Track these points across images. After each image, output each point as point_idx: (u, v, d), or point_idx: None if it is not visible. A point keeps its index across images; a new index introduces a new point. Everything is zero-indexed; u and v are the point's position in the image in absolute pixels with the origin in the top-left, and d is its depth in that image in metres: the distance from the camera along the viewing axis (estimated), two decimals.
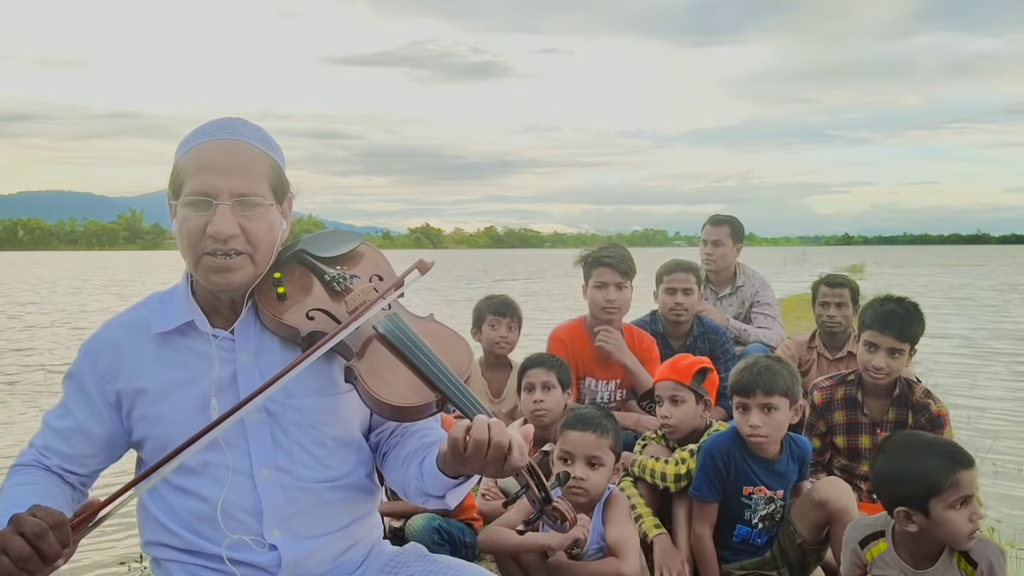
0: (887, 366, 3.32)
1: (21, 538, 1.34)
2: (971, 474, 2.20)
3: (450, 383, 1.64)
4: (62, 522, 1.37)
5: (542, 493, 1.68)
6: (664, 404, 3.14)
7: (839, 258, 53.26)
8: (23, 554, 1.33)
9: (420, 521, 2.99)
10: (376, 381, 1.63)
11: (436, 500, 1.67)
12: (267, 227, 1.68)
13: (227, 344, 1.72)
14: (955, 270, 42.17)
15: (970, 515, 2.19)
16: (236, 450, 1.67)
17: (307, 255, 1.81)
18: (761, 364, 2.89)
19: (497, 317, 4.04)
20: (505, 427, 1.54)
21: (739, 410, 2.87)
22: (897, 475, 2.27)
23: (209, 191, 1.62)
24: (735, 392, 2.88)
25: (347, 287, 1.77)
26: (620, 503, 2.78)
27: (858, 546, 2.42)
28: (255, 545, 1.66)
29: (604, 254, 3.88)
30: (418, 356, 1.66)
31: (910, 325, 3.33)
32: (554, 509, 1.70)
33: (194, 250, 1.64)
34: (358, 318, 1.66)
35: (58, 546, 1.36)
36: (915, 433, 2.74)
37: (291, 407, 1.70)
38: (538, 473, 1.67)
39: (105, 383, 1.72)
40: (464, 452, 1.52)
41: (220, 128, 1.69)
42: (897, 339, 3.30)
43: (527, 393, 3.39)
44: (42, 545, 1.34)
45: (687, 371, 3.13)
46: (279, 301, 1.71)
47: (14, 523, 1.36)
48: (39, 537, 1.34)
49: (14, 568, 1.34)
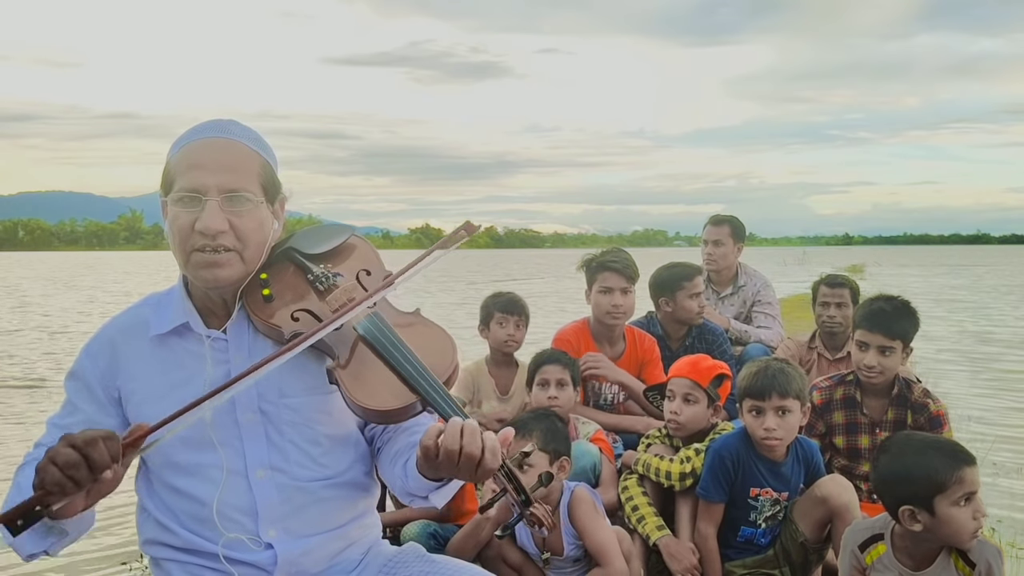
0: (879, 364, 3.32)
1: (71, 448, 1.35)
2: (974, 471, 2.20)
3: (428, 385, 1.62)
4: (112, 435, 1.39)
5: (521, 496, 1.67)
6: (676, 400, 3.13)
7: (839, 258, 53.26)
8: (72, 460, 1.34)
9: (415, 527, 3.00)
10: (355, 385, 1.62)
11: (421, 500, 1.67)
12: (256, 224, 1.68)
13: (220, 344, 1.72)
14: (957, 270, 42.18)
15: (974, 512, 2.19)
16: (230, 450, 1.67)
17: (295, 252, 1.80)
18: (774, 367, 2.88)
19: (505, 315, 4.02)
20: (479, 432, 1.52)
21: (752, 413, 2.85)
22: (901, 474, 2.25)
23: (198, 188, 1.62)
24: (748, 395, 2.86)
25: (330, 286, 1.75)
26: (584, 502, 2.76)
27: (857, 549, 2.41)
28: (251, 544, 1.66)
29: (609, 259, 3.87)
30: (396, 358, 1.64)
31: (898, 322, 3.33)
32: (531, 514, 1.69)
33: (184, 247, 1.64)
34: (335, 320, 1.64)
35: (107, 455, 1.36)
36: (915, 433, 2.73)
37: (284, 406, 1.70)
38: (516, 477, 1.65)
39: (107, 379, 1.73)
40: (436, 459, 1.51)
41: (211, 128, 1.70)
42: (886, 336, 3.30)
43: (541, 389, 3.40)
44: (91, 452, 1.34)
45: (707, 373, 3.12)
46: (266, 303, 1.71)
47: (64, 438, 1.37)
48: (89, 444, 1.35)
49: (61, 476, 1.34)
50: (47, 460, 1.35)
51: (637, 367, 3.96)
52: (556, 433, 2.83)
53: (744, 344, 4.81)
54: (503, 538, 2.69)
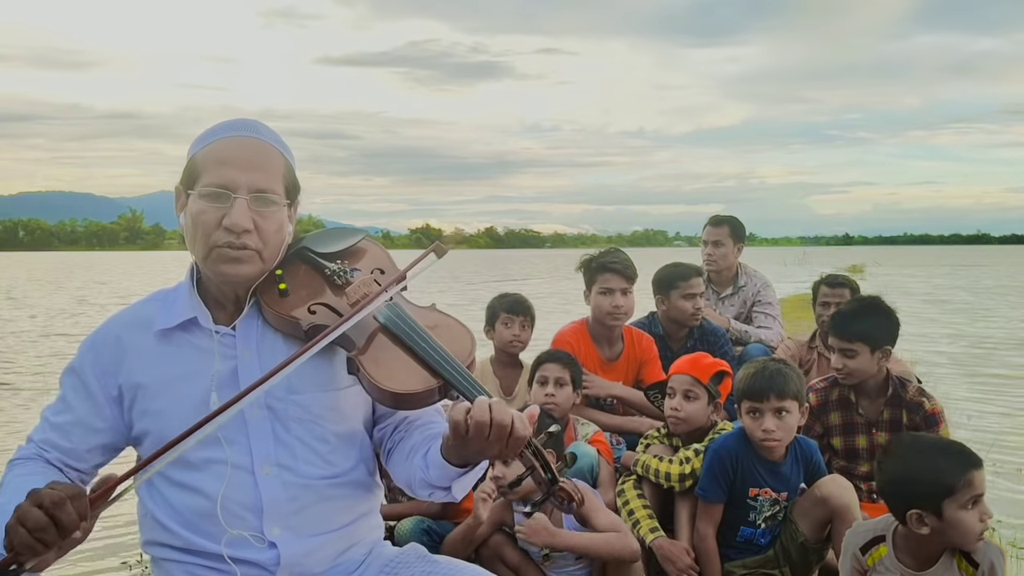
0: (844, 366, 3.32)
1: (39, 509, 1.34)
2: (981, 474, 2.19)
3: (451, 368, 1.64)
4: (80, 493, 1.38)
5: (548, 475, 1.67)
6: (676, 397, 3.13)
7: (839, 258, 53.16)
8: (40, 523, 1.33)
9: (409, 524, 3.00)
10: (378, 370, 1.64)
11: (442, 492, 1.67)
12: (277, 227, 1.70)
13: (229, 340, 1.72)
14: (958, 270, 42.14)
15: (980, 515, 2.18)
16: (237, 446, 1.67)
17: (308, 251, 1.83)
18: (771, 368, 2.88)
19: (511, 315, 4.01)
20: (507, 406, 1.53)
21: (750, 415, 2.85)
22: (909, 477, 2.23)
23: (228, 184, 1.64)
24: (746, 396, 2.87)
25: (348, 280, 1.78)
26: (587, 495, 2.76)
27: (859, 552, 2.40)
28: (255, 541, 1.66)
29: (609, 260, 3.87)
30: (418, 343, 1.67)
31: (856, 324, 3.30)
32: (560, 490, 1.69)
33: (206, 241, 1.65)
34: (362, 309, 1.67)
35: (75, 516, 1.35)
36: (921, 435, 2.71)
37: (292, 403, 1.70)
38: (543, 455, 1.66)
39: (107, 377, 1.73)
40: (466, 434, 1.51)
41: (239, 126, 1.72)
42: (841, 339, 3.30)
43: (539, 386, 3.40)
44: (59, 514, 1.33)
45: (707, 370, 3.15)
46: (281, 297, 1.73)
47: (32, 497, 1.35)
48: (57, 506, 1.34)
49: (30, 539, 1.33)
50: (16, 520, 1.34)
51: (636, 367, 3.96)
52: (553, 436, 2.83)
53: (744, 344, 4.81)
54: (531, 515, 2.69)
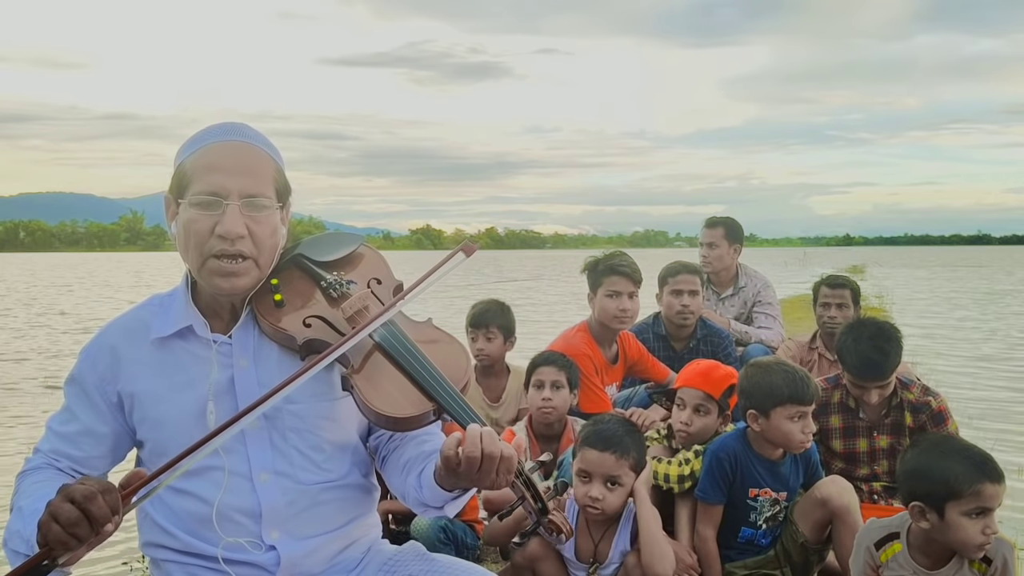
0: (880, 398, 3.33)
1: (71, 504, 1.34)
2: (996, 488, 2.17)
3: (445, 393, 1.62)
4: (111, 487, 1.37)
5: (538, 504, 1.67)
6: (686, 410, 3.06)
7: (840, 259, 53.20)
8: (72, 518, 1.33)
9: (426, 521, 2.98)
10: (372, 391, 1.62)
11: (435, 511, 1.67)
12: (271, 231, 1.68)
13: (225, 349, 1.71)
14: (959, 271, 42.13)
15: (984, 527, 2.17)
16: (235, 454, 1.67)
17: (305, 259, 1.80)
18: (800, 373, 2.85)
19: (473, 328, 3.88)
20: (497, 437, 1.53)
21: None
22: (920, 471, 2.25)
23: (219, 191, 1.61)
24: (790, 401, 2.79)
25: (344, 293, 1.75)
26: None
27: (873, 547, 2.40)
28: (251, 548, 1.66)
29: (617, 263, 3.84)
30: (414, 366, 1.65)
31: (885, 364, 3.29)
32: (550, 522, 1.69)
33: (200, 251, 1.63)
34: (362, 330, 1.63)
35: (107, 510, 1.35)
36: (951, 437, 2.70)
37: (289, 412, 1.69)
38: (534, 485, 1.66)
39: (105, 384, 1.72)
40: (458, 468, 1.52)
41: (226, 130, 1.70)
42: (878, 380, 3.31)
43: (536, 390, 3.36)
44: (91, 508, 1.33)
45: (720, 384, 3.06)
46: (276, 308, 1.70)
47: (63, 492, 1.36)
48: (88, 500, 1.33)
49: (64, 534, 1.33)
50: (48, 516, 1.34)
51: (629, 366, 3.97)
52: (642, 451, 2.76)
53: (745, 345, 4.81)
54: (521, 546, 2.66)
